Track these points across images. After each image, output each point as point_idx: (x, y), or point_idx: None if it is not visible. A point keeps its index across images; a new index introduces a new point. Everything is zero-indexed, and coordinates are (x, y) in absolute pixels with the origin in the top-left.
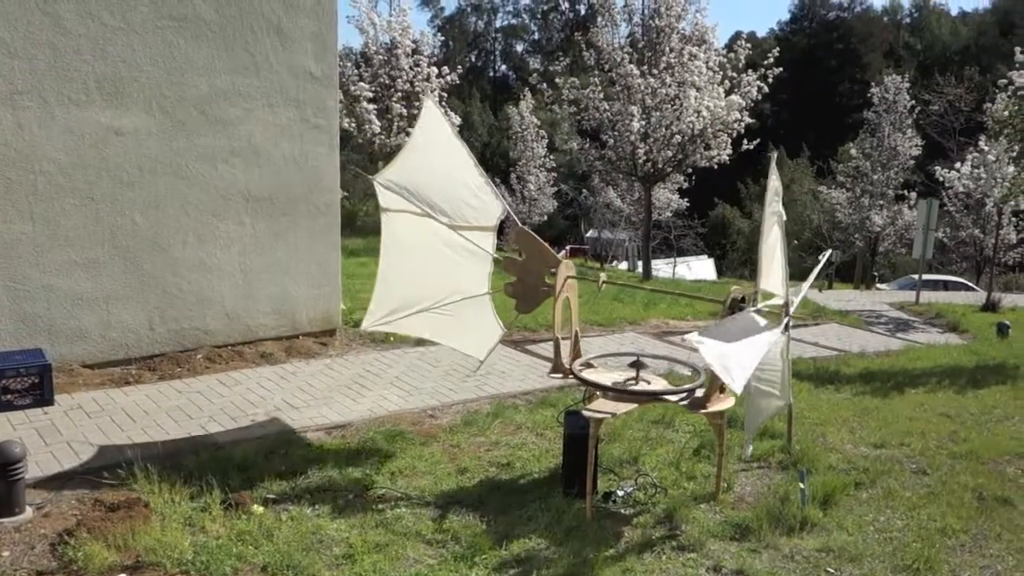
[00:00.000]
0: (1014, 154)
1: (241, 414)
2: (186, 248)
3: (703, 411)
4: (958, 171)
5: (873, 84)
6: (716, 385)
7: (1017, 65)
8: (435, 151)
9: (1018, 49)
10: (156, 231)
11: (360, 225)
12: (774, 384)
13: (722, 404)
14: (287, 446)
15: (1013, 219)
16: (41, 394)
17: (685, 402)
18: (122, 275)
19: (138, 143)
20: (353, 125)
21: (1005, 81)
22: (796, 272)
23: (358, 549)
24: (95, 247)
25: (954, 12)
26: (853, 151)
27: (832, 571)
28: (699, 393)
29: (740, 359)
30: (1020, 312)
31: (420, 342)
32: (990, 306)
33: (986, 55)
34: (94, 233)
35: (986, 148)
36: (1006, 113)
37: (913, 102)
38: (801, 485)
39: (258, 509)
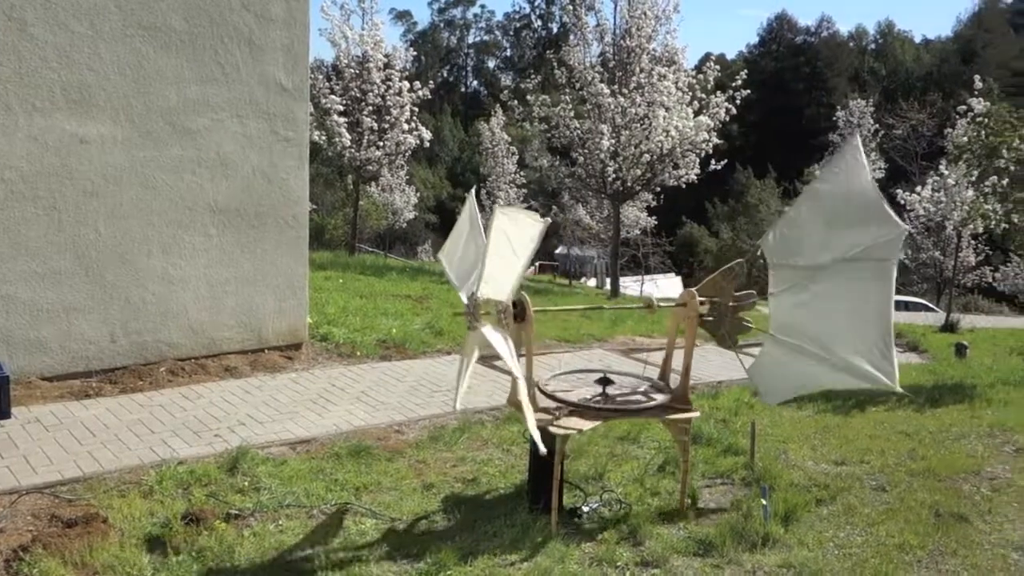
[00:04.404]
0: (973, 179)
1: (204, 428)
2: (150, 259)
3: (669, 421)
4: (919, 194)
5: (839, 108)
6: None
7: (976, 92)
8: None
9: (977, 77)
10: (120, 241)
11: (328, 239)
12: None
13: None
14: (250, 461)
15: (972, 242)
16: None
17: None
18: (84, 286)
19: (103, 152)
20: (323, 138)
21: (965, 107)
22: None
23: (321, 566)
24: (57, 257)
25: (918, 39)
26: (818, 173)
27: None
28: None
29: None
30: (978, 333)
31: (385, 357)
32: (949, 327)
33: (948, 82)
34: (56, 243)
35: (946, 172)
36: (965, 139)
37: (877, 126)
38: (763, 501)
39: (220, 525)
